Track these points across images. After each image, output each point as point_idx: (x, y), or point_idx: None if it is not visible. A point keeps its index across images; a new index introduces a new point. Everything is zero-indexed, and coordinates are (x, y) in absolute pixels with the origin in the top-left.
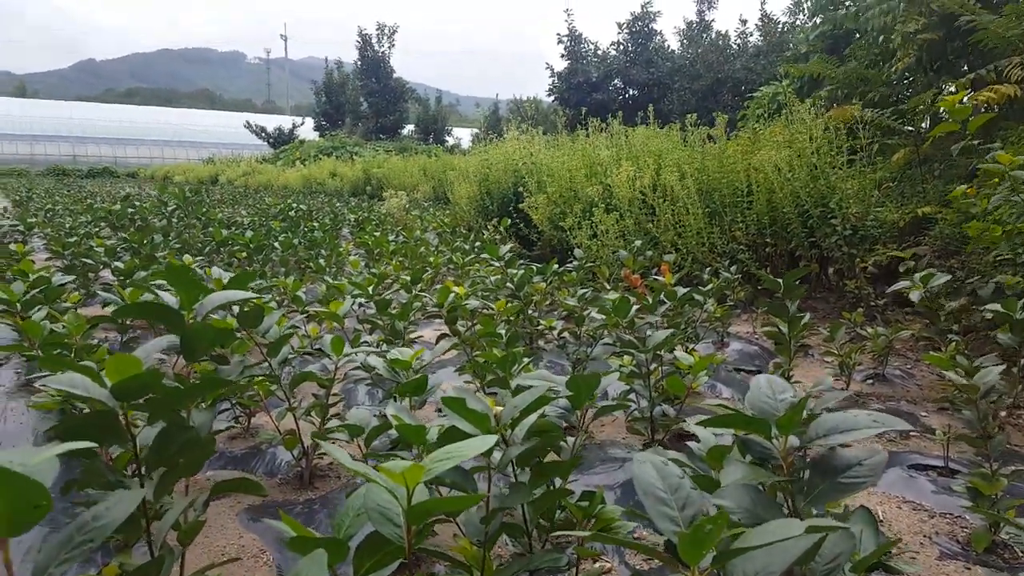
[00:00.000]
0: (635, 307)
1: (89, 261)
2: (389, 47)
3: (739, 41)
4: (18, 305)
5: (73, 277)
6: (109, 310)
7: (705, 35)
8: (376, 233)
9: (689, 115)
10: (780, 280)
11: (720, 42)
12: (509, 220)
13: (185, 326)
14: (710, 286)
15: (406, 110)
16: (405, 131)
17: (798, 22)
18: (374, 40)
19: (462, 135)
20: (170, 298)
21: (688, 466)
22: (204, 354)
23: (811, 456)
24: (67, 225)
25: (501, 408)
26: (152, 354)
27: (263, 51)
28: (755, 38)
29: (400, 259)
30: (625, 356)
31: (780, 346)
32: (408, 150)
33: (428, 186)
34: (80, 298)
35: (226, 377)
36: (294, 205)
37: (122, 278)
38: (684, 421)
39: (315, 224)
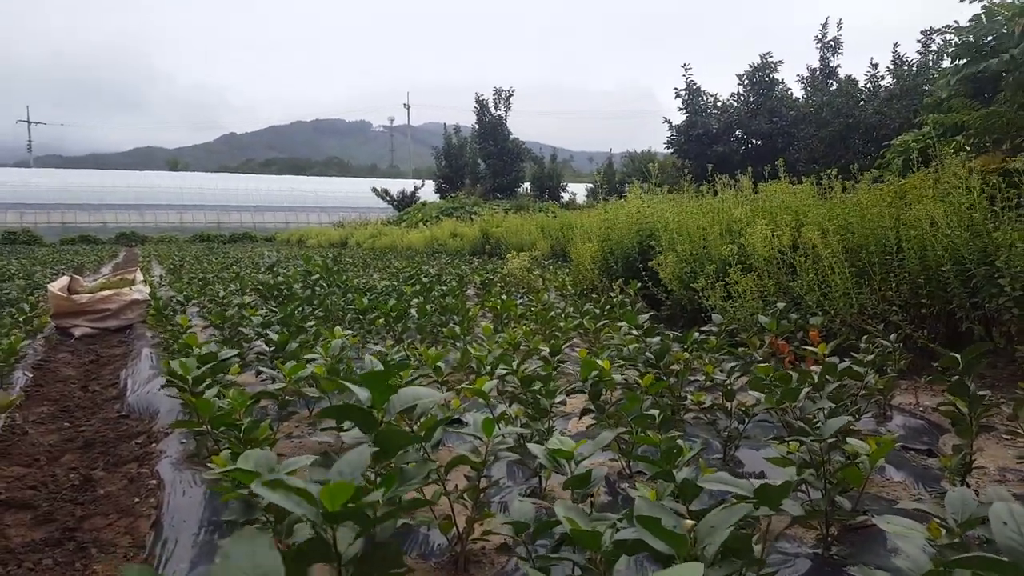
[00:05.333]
0: (805, 389)
1: (245, 331)
2: (505, 110)
3: (869, 85)
4: (190, 380)
5: (237, 352)
6: (261, 379)
7: (831, 81)
8: (503, 296)
9: (829, 169)
10: (958, 356)
11: (849, 87)
12: (638, 283)
13: (378, 429)
14: (870, 356)
15: (522, 169)
16: (521, 189)
17: (931, 63)
18: (491, 104)
19: (577, 190)
20: (360, 392)
21: None
22: (394, 455)
23: None
24: (219, 294)
25: (691, 523)
26: (357, 472)
27: (387, 119)
28: (887, 81)
29: (528, 323)
30: (791, 442)
31: (959, 427)
32: (524, 207)
33: (546, 244)
34: (239, 370)
35: (410, 480)
36: (424, 269)
37: (274, 350)
38: (865, 514)
39: (444, 288)
